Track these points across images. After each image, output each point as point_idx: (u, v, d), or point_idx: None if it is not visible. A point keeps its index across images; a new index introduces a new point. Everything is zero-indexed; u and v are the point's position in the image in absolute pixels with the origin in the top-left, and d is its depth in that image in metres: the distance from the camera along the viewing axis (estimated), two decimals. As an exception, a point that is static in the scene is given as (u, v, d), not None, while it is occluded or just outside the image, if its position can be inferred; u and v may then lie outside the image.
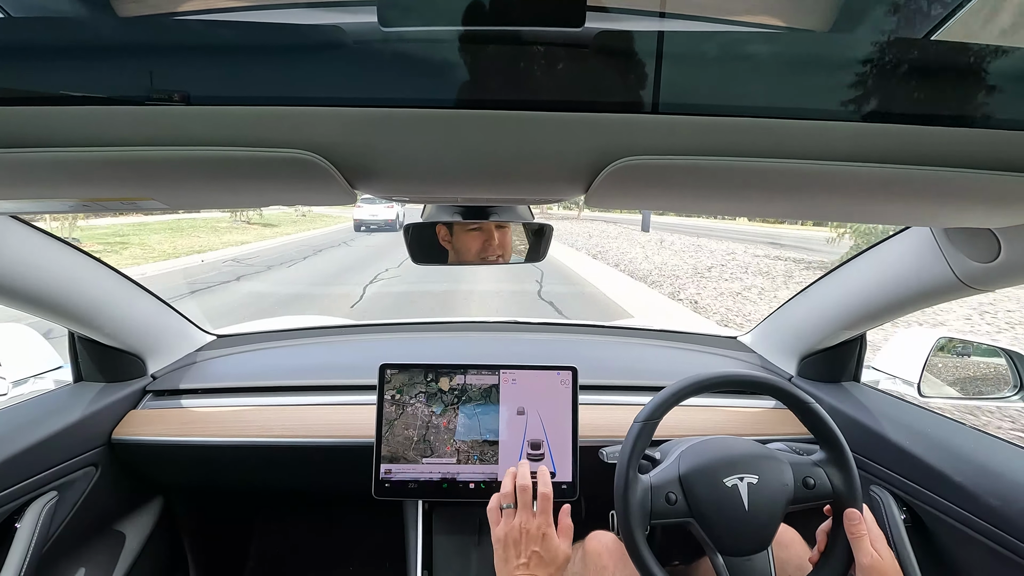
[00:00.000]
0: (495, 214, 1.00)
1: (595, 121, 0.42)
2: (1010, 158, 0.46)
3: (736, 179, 0.49)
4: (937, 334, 1.18)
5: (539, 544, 0.75)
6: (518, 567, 0.75)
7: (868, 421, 1.08)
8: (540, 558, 0.75)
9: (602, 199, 0.55)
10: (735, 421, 1.21)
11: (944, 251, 0.83)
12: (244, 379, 1.29)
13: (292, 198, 0.63)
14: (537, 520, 0.78)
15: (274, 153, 0.43)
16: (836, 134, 0.43)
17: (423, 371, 1.09)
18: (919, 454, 0.96)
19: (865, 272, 1.05)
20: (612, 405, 1.23)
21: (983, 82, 0.42)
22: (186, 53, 0.37)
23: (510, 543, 0.78)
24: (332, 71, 0.38)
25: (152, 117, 0.39)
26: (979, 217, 0.61)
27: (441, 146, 0.45)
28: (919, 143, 0.45)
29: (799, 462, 0.80)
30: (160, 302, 1.27)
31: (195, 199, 0.63)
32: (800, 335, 1.28)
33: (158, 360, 1.29)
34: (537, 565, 0.74)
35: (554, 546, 0.76)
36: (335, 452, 1.15)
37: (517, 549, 0.76)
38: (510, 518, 0.80)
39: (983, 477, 0.86)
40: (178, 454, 1.16)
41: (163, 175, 0.47)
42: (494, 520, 0.82)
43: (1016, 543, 0.78)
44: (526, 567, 0.74)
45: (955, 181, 0.48)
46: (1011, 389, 1.14)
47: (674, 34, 0.41)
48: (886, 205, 0.57)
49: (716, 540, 0.75)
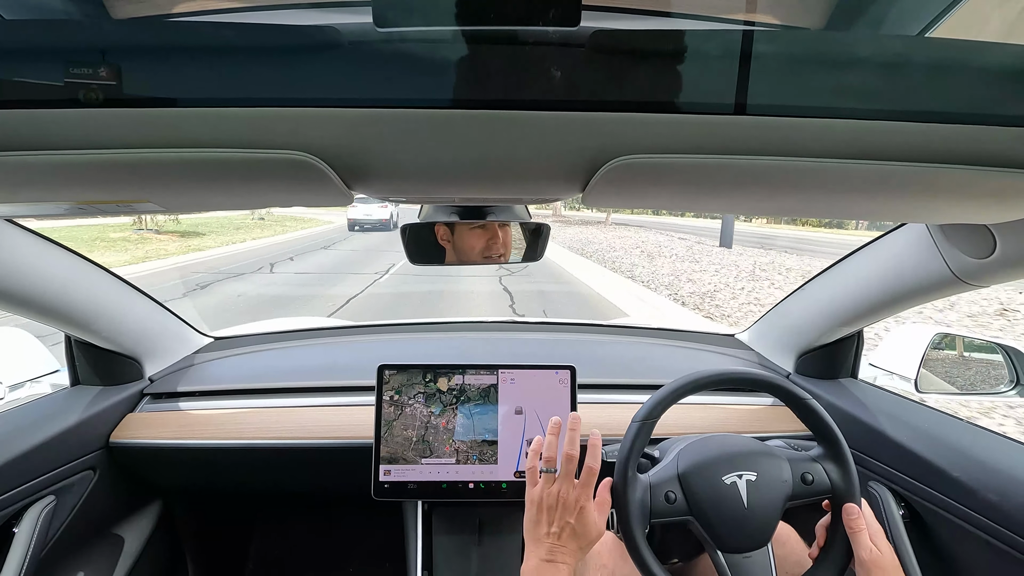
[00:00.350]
0: (492, 214, 1.00)
1: (591, 120, 0.42)
2: (1004, 154, 0.47)
3: (732, 177, 0.49)
4: (934, 330, 1.18)
5: (574, 516, 0.73)
6: (548, 534, 0.72)
7: (865, 417, 1.09)
8: (573, 531, 0.72)
9: (599, 198, 0.55)
10: (734, 418, 1.21)
11: (940, 247, 0.83)
12: (242, 381, 1.28)
13: (289, 199, 0.62)
14: (577, 491, 0.74)
15: (270, 155, 0.43)
16: (831, 131, 0.43)
17: (421, 371, 1.09)
18: (917, 450, 0.97)
19: (861, 268, 1.06)
20: (611, 404, 1.23)
21: (977, 79, 0.43)
22: (181, 55, 0.37)
23: (544, 508, 0.75)
24: (328, 72, 0.38)
25: (148, 119, 0.39)
26: (974, 213, 0.61)
27: (437, 146, 0.45)
28: (914, 139, 0.45)
29: (797, 458, 0.80)
30: (157, 304, 1.27)
31: (191, 202, 0.62)
32: (797, 332, 1.29)
33: (155, 363, 1.29)
34: (569, 537, 0.72)
35: (590, 521, 0.73)
36: (334, 454, 1.15)
37: (551, 516, 0.73)
38: (549, 482, 0.76)
39: (981, 472, 0.86)
40: (176, 457, 1.15)
41: (159, 178, 0.47)
42: (531, 480, 0.78)
43: (1015, 538, 0.79)
44: (557, 537, 0.72)
45: (950, 177, 0.48)
46: (1007, 384, 1.14)
47: (669, 33, 0.41)
48: (882, 202, 0.57)
49: (716, 538, 0.75)
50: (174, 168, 0.44)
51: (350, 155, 0.45)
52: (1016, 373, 1.13)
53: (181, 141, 0.41)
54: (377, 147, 0.45)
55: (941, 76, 0.43)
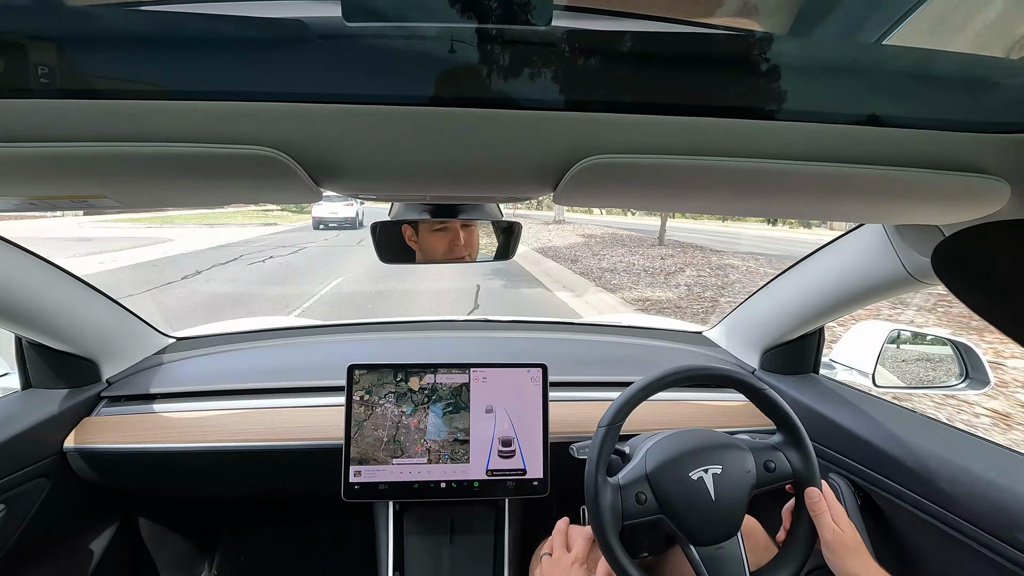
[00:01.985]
0: (464, 212, 0.99)
1: (563, 119, 0.42)
2: (956, 158, 0.49)
3: (700, 178, 0.50)
4: (890, 326, 1.23)
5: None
6: None
7: (826, 411, 1.13)
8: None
9: (571, 197, 0.55)
10: (702, 414, 1.24)
11: (895, 247, 0.87)
12: (205, 382, 1.25)
13: (255, 196, 0.61)
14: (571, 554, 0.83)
15: (236, 150, 0.41)
16: (793, 134, 0.45)
17: (392, 371, 1.08)
18: (874, 441, 1.00)
19: (822, 267, 1.09)
20: (582, 401, 1.24)
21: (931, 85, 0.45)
22: (141, 45, 0.36)
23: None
24: (296, 66, 0.37)
25: (104, 112, 0.37)
26: (927, 215, 0.64)
27: (408, 144, 0.44)
28: (871, 143, 0.47)
29: (759, 447, 0.83)
30: (115, 304, 1.22)
31: (152, 198, 0.60)
32: (762, 329, 1.32)
33: (114, 365, 1.24)
34: None
35: None
36: (302, 455, 1.12)
37: None
38: (547, 564, 0.86)
39: (934, 462, 0.90)
40: (137, 462, 1.11)
41: (117, 173, 0.45)
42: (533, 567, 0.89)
43: (965, 524, 0.82)
44: None
45: (905, 180, 0.50)
46: (957, 377, 1.20)
47: (640, 34, 0.41)
48: (841, 203, 0.59)
49: (687, 533, 0.76)
50: (132, 163, 0.42)
51: (319, 152, 0.44)
52: (965, 367, 1.19)
53: (141, 135, 0.39)
54: (347, 144, 0.44)
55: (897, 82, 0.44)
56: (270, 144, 0.42)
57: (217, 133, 0.40)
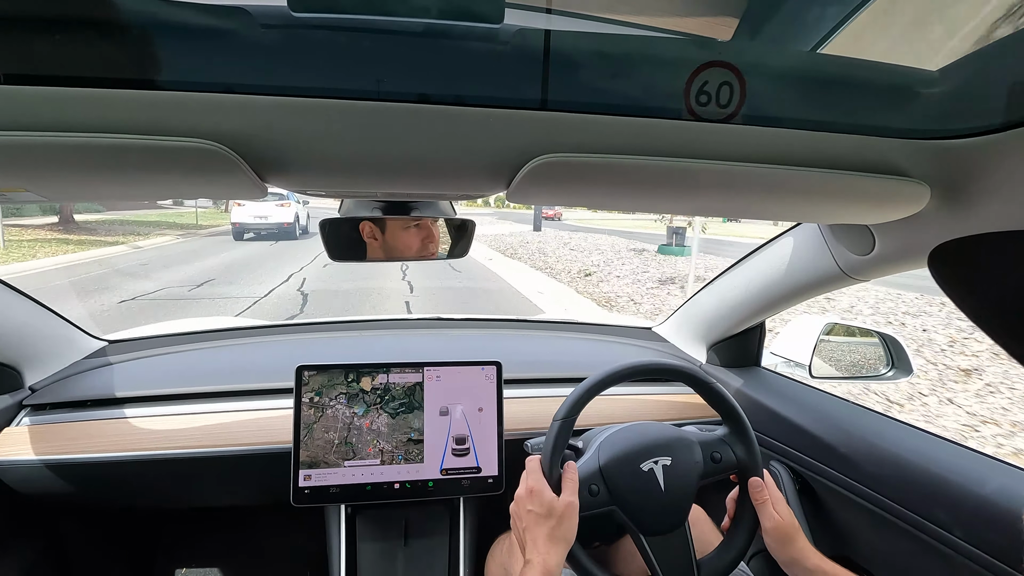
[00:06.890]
0: (417, 210, 0.98)
1: (515, 117, 0.42)
2: (882, 162, 0.52)
3: (647, 177, 0.51)
4: (825, 320, 1.30)
5: (531, 502, 0.75)
6: (523, 530, 0.75)
7: (766, 402, 1.18)
8: (535, 516, 0.74)
9: (524, 195, 0.55)
10: (653, 408, 1.27)
11: (829, 245, 0.92)
12: (140, 388, 1.18)
13: (195, 191, 0.58)
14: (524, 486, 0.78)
15: (173, 143, 0.39)
16: (735, 136, 0.47)
17: (343, 371, 1.06)
18: (810, 429, 1.06)
19: (762, 264, 1.14)
20: (536, 398, 1.25)
21: (863, 93, 0.47)
22: (69, 27, 0.33)
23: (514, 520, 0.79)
24: (238, 55, 0.36)
25: (25, 98, 0.34)
26: (856, 214, 0.68)
27: (356, 139, 0.43)
28: (805, 147, 0.49)
29: (706, 439, 0.86)
30: (39, 306, 1.14)
31: (80, 191, 0.56)
32: (707, 324, 1.37)
33: (37, 371, 1.16)
34: (535, 523, 0.74)
35: (545, 498, 0.75)
36: (248, 461, 1.08)
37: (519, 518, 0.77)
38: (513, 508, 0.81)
39: (864, 447, 0.96)
40: (64, 474, 1.04)
41: (38, 164, 0.42)
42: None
43: (891, 504, 0.88)
44: (528, 531, 0.74)
45: (836, 182, 0.53)
46: (885, 367, 1.28)
47: (589, 35, 0.42)
48: (778, 203, 0.62)
49: (639, 523, 0.79)
50: (57, 154, 0.39)
51: (263, 145, 0.43)
52: (892, 357, 1.27)
53: (66, 124, 0.37)
54: (293, 137, 0.42)
55: (829, 88, 0.47)
56: (210, 136, 0.40)
57: (152, 124, 0.38)
